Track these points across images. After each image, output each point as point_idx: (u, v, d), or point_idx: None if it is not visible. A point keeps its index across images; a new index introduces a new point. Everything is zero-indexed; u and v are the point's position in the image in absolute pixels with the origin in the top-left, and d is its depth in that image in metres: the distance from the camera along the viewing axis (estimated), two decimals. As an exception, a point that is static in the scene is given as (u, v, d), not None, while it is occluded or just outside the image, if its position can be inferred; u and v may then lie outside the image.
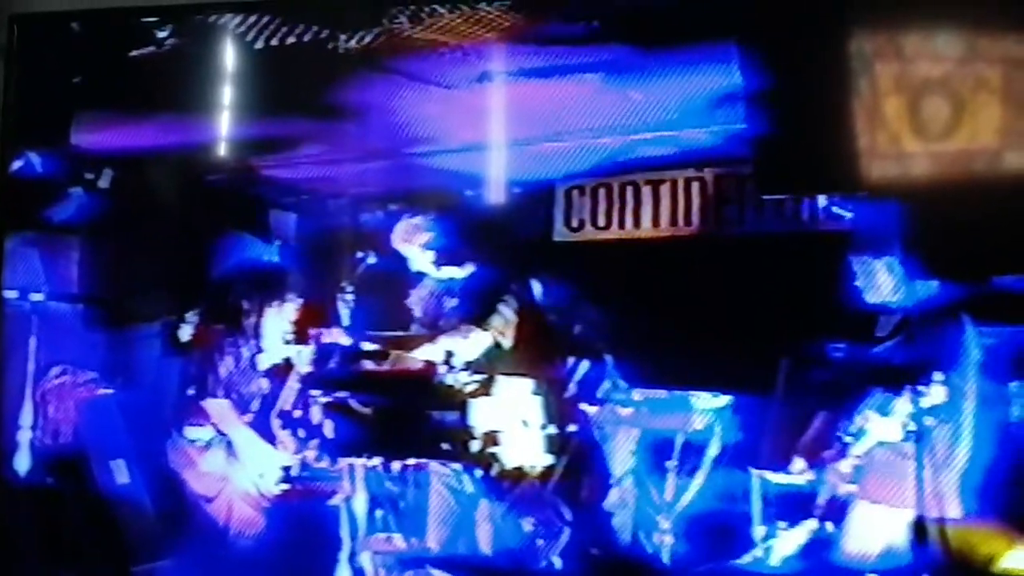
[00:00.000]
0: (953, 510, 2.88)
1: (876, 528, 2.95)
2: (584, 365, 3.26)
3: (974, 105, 2.85)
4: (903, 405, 2.94)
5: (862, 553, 2.96)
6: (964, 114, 2.86)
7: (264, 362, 3.51)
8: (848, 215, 3.02)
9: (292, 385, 3.47)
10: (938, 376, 2.90)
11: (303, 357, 3.48)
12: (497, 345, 3.32)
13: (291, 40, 3.47)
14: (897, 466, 2.93)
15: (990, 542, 2.84)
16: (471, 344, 3.32)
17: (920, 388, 2.91)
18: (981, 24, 2.87)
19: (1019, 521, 2.83)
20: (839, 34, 3.00)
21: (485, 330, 3.33)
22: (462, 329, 3.34)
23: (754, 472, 3.08)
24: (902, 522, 2.92)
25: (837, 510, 3.01)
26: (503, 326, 3.32)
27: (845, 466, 3.00)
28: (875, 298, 2.97)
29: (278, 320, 3.51)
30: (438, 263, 3.40)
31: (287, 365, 3.49)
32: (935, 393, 2.91)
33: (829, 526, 3.01)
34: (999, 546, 2.84)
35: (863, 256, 2.97)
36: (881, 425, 2.96)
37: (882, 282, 2.96)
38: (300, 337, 3.49)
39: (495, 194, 3.32)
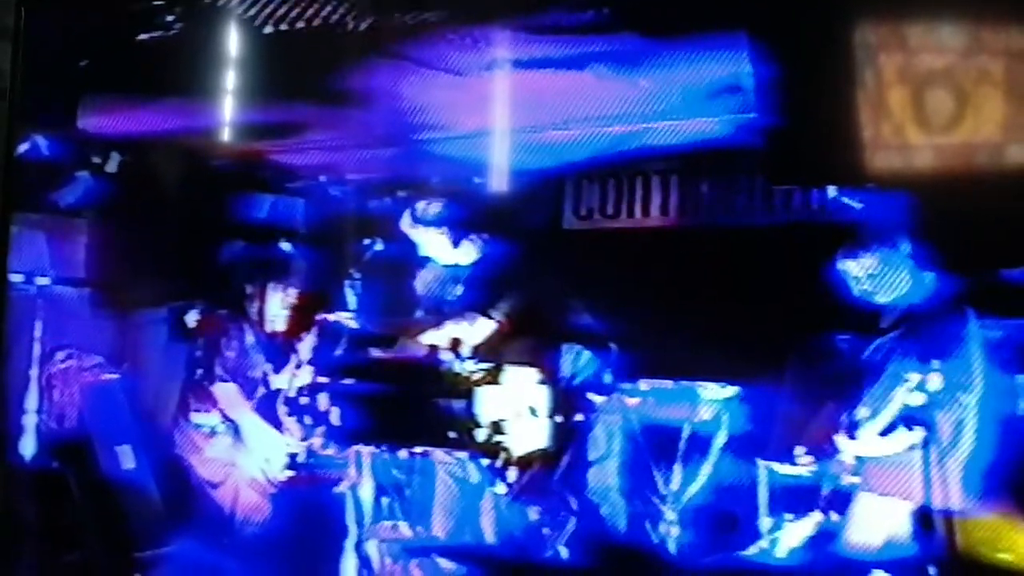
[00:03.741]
0: (958, 502, 2.87)
1: (882, 520, 2.94)
2: (591, 354, 3.25)
3: (977, 98, 2.84)
4: (909, 396, 2.92)
5: (867, 545, 2.94)
6: (968, 107, 2.85)
7: (269, 349, 3.51)
8: (857, 206, 3.00)
9: (298, 372, 3.47)
10: (942, 367, 2.89)
11: (308, 344, 3.48)
12: (501, 332, 3.32)
13: (299, 25, 3.46)
14: (903, 458, 2.92)
15: (994, 533, 2.84)
16: (475, 330, 3.31)
17: (925, 379, 2.89)
18: (985, 18, 2.86)
19: (1022, 512, 2.83)
20: (847, 25, 2.99)
21: (490, 317, 3.31)
22: (467, 316, 3.33)
23: (761, 463, 3.07)
24: (908, 514, 2.91)
25: (843, 502, 2.99)
26: (507, 313, 3.31)
27: (851, 458, 2.98)
28: (880, 289, 2.95)
29: (282, 305, 3.51)
30: (448, 247, 3.38)
31: (293, 351, 3.49)
32: (940, 384, 2.89)
33: (835, 517, 3.00)
34: (1004, 536, 2.84)
35: (870, 247, 2.96)
36: (887, 416, 2.95)
37: (887, 273, 2.95)
38: (306, 323, 3.48)
39: (504, 182, 3.31)
